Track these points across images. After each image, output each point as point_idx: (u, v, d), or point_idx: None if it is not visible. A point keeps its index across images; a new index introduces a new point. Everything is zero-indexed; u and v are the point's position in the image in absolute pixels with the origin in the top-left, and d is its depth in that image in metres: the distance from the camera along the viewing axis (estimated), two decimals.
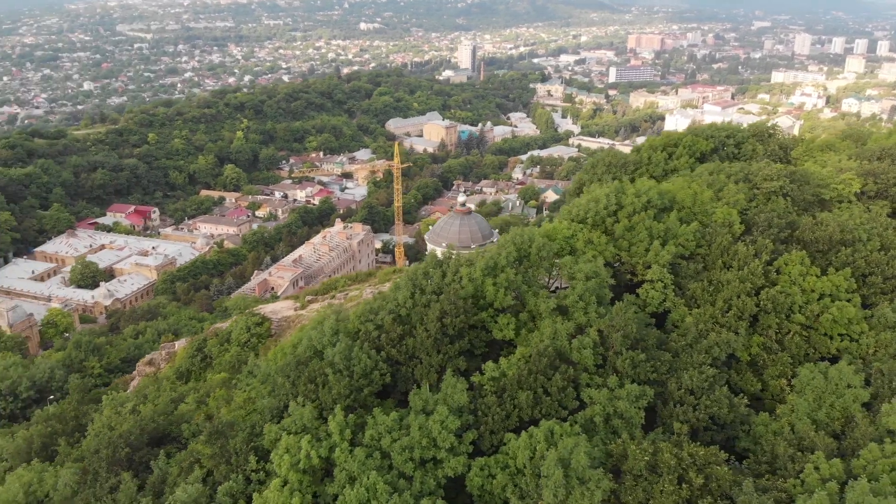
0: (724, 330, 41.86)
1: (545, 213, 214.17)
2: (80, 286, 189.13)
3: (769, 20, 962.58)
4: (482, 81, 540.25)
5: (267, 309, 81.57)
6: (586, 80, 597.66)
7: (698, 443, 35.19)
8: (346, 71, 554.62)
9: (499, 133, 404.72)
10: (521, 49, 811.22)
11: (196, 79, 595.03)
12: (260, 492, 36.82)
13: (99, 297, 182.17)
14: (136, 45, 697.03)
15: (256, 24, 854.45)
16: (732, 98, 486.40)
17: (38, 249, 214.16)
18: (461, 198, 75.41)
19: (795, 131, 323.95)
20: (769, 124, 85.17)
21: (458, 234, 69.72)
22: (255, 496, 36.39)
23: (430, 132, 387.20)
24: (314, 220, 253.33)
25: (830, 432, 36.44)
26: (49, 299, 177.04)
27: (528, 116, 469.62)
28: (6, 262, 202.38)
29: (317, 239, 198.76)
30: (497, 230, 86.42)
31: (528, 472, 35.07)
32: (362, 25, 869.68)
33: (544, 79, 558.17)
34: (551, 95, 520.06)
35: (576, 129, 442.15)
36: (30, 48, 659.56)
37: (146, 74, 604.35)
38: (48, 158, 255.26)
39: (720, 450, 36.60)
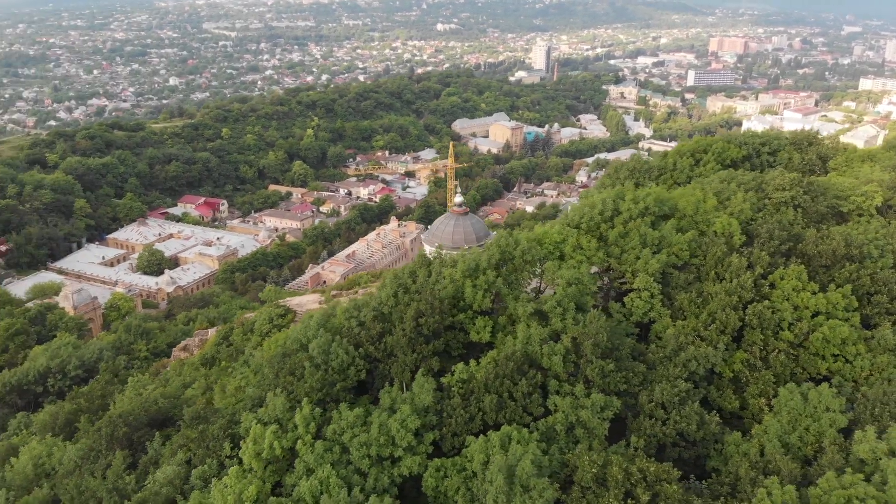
0: (705, 344, 40.35)
1: None
2: (145, 273, 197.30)
3: (860, 25, 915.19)
4: (553, 83, 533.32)
5: (293, 301, 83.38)
6: (663, 82, 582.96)
7: (654, 458, 34.09)
8: (419, 71, 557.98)
9: (566, 135, 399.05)
10: (598, 50, 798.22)
11: (276, 77, 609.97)
12: (220, 477, 37.80)
13: (162, 283, 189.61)
14: (220, 43, 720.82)
15: (336, 23, 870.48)
16: (816, 105, 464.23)
17: (110, 236, 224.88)
18: (458, 198, 75.15)
19: (879, 141, 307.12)
20: (810, 131, 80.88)
21: (452, 234, 69.67)
22: (215, 482, 37.36)
23: (495, 133, 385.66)
24: (374, 217, 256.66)
25: (801, 457, 34.70)
26: (115, 284, 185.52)
27: (598, 119, 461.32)
28: (79, 247, 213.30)
29: (371, 236, 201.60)
30: None
31: (480, 476, 34.80)
32: (439, 26, 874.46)
33: (618, 80, 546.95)
34: (624, 98, 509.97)
35: (647, 132, 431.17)
36: (120, 43, 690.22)
37: (229, 71, 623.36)
38: (126, 150, 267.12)
39: (684, 467, 35.57)
